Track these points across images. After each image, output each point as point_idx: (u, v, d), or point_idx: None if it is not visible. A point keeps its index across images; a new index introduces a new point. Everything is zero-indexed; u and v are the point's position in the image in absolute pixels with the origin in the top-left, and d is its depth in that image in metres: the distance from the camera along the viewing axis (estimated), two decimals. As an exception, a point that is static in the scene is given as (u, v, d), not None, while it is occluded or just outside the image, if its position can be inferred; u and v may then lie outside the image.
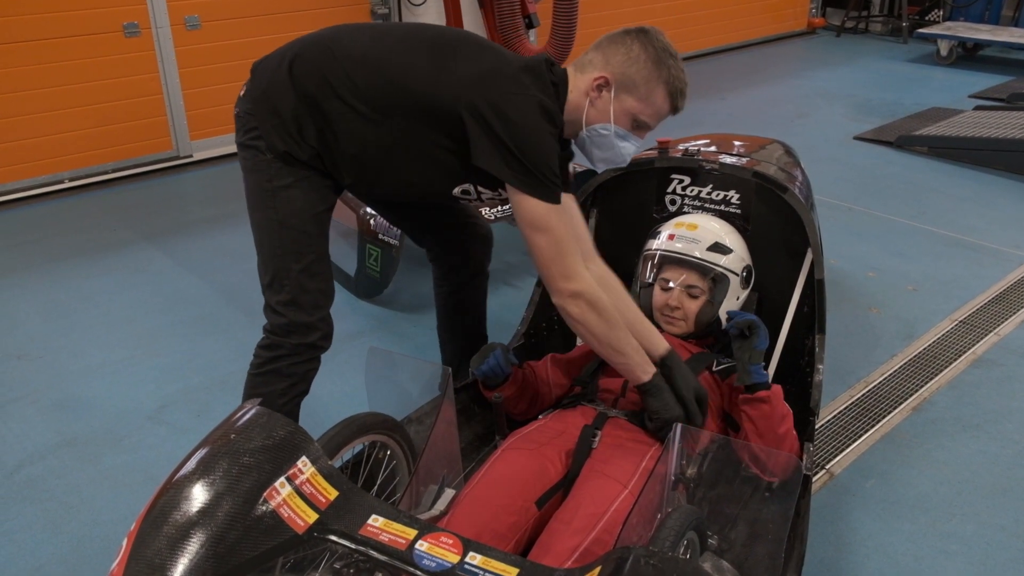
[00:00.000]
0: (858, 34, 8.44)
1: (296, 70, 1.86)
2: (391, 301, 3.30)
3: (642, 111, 1.87)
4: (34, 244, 3.84)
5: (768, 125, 5.36)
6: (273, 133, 1.87)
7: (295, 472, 1.36)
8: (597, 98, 1.85)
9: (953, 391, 2.72)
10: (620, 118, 1.87)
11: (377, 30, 1.95)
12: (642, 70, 1.83)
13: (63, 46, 4.25)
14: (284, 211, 1.89)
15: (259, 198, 1.92)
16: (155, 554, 1.22)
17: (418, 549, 1.29)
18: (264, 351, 1.98)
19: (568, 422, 1.93)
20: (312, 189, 1.92)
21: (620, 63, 1.83)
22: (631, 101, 1.85)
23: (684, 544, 1.40)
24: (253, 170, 1.91)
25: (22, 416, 2.63)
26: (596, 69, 1.85)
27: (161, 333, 3.10)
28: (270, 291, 1.95)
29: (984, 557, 2.06)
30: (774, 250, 2.40)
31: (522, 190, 1.74)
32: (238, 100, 1.95)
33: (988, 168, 4.67)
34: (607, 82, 1.84)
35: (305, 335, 1.95)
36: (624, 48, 1.83)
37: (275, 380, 1.96)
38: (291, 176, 1.89)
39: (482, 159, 1.75)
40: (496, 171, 1.75)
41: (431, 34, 1.90)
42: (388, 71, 1.82)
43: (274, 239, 1.91)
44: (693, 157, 2.49)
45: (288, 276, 1.91)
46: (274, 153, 1.87)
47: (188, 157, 4.84)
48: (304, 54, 1.88)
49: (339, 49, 1.85)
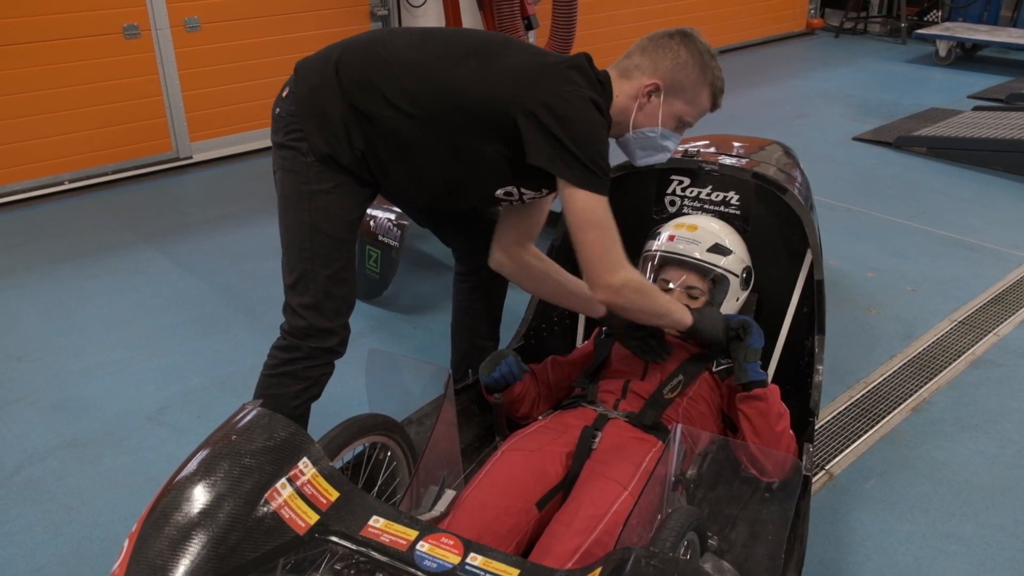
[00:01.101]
0: (857, 35, 8.44)
1: (344, 74, 1.85)
2: (390, 302, 3.31)
3: (688, 112, 1.92)
4: (34, 245, 3.84)
5: (767, 126, 5.36)
6: (317, 135, 1.86)
7: (296, 473, 1.36)
8: (647, 103, 1.88)
9: (952, 391, 2.73)
10: (667, 121, 1.91)
11: (422, 36, 1.94)
12: (690, 75, 1.87)
13: (63, 48, 4.25)
14: (319, 215, 1.89)
15: (294, 199, 1.91)
16: (156, 555, 1.22)
17: (419, 550, 1.30)
18: (280, 352, 1.97)
19: (568, 423, 1.94)
20: (349, 195, 1.92)
21: (669, 68, 1.86)
22: (679, 104, 1.90)
23: (684, 545, 1.40)
24: (291, 170, 1.91)
25: (22, 417, 2.63)
26: (645, 75, 1.87)
27: (161, 334, 3.10)
28: (293, 292, 1.94)
29: (984, 557, 2.07)
30: (774, 251, 2.40)
31: (576, 184, 1.74)
32: (278, 100, 1.95)
33: (987, 168, 4.68)
34: (658, 88, 1.87)
35: (324, 340, 1.94)
36: (672, 53, 1.87)
37: (290, 382, 1.96)
38: (330, 181, 1.89)
39: (537, 157, 1.75)
40: (552, 167, 1.75)
41: (474, 39, 1.92)
42: (439, 77, 1.82)
43: (304, 242, 1.91)
44: (693, 158, 2.50)
45: (315, 280, 1.91)
46: (316, 156, 1.87)
47: (188, 158, 4.84)
48: (352, 58, 1.87)
49: (388, 54, 1.85)
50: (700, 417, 2.02)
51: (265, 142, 4.64)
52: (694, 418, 2.00)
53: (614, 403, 2.01)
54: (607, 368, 2.16)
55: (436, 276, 3.51)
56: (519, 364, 2.04)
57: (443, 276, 3.40)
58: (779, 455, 1.81)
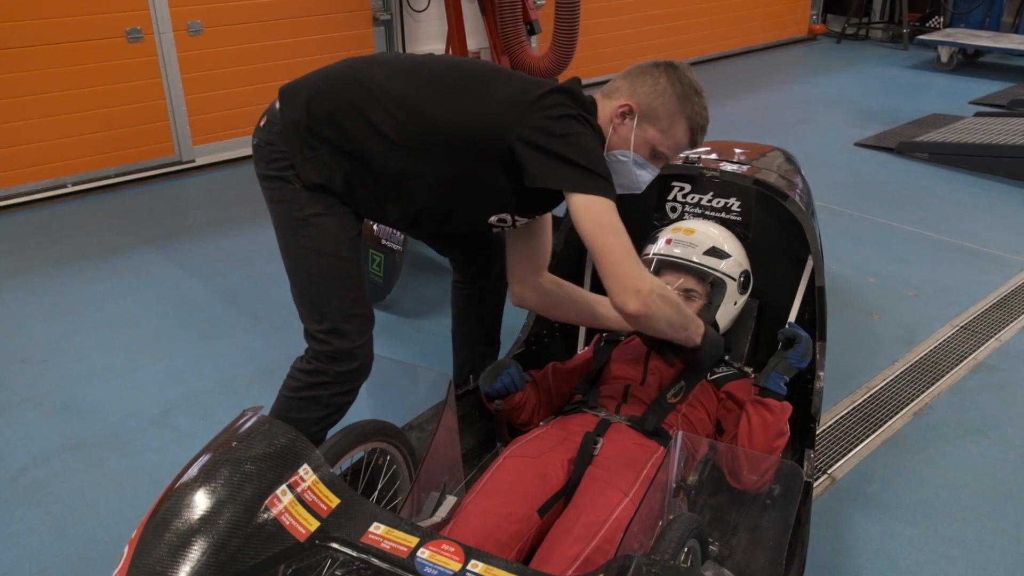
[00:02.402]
0: (859, 40, 8.44)
1: (330, 107, 1.83)
2: (393, 306, 3.31)
3: (662, 142, 1.89)
4: (37, 248, 3.85)
5: (769, 131, 5.36)
6: (307, 166, 1.84)
7: (297, 480, 1.37)
8: (620, 125, 1.87)
9: (954, 396, 2.73)
10: (640, 147, 1.89)
11: (406, 66, 1.92)
12: (667, 103, 1.85)
13: (66, 51, 4.26)
14: (318, 239, 1.87)
15: (290, 228, 1.89)
16: (156, 561, 1.22)
17: (420, 557, 1.30)
18: (305, 375, 1.92)
19: (569, 429, 1.94)
20: (344, 214, 1.90)
21: (646, 94, 1.85)
22: (652, 132, 1.87)
23: (686, 552, 1.40)
24: (281, 200, 1.88)
25: (26, 420, 2.64)
26: (622, 96, 1.87)
27: (164, 337, 3.11)
28: (310, 320, 1.91)
29: (986, 561, 2.07)
30: (775, 257, 2.40)
31: (583, 191, 1.72)
32: (257, 130, 1.91)
33: (988, 174, 4.68)
34: (631, 110, 1.86)
35: (350, 361, 1.90)
36: (652, 80, 1.86)
37: (313, 408, 1.91)
38: (322, 204, 1.86)
39: (539, 179, 1.75)
40: (555, 183, 1.74)
41: (461, 70, 1.90)
42: (430, 110, 1.81)
43: (311, 268, 1.88)
44: (694, 164, 2.50)
45: (328, 305, 1.88)
46: (304, 184, 1.85)
47: (191, 162, 4.85)
48: (336, 91, 1.85)
49: (374, 85, 1.83)
50: (700, 423, 2.02)
51: (268, 146, 4.67)
52: (694, 424, 2.01)
53: (615, 408, 2.01)
54: (607, 374, 2.16)
55: (439, 280, 3.51)
56: (521, 374, 2.04)
57: (445, 280, 3.38)
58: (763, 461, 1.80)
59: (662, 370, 2.09)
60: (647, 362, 2.11)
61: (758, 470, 1.81)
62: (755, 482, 1.82)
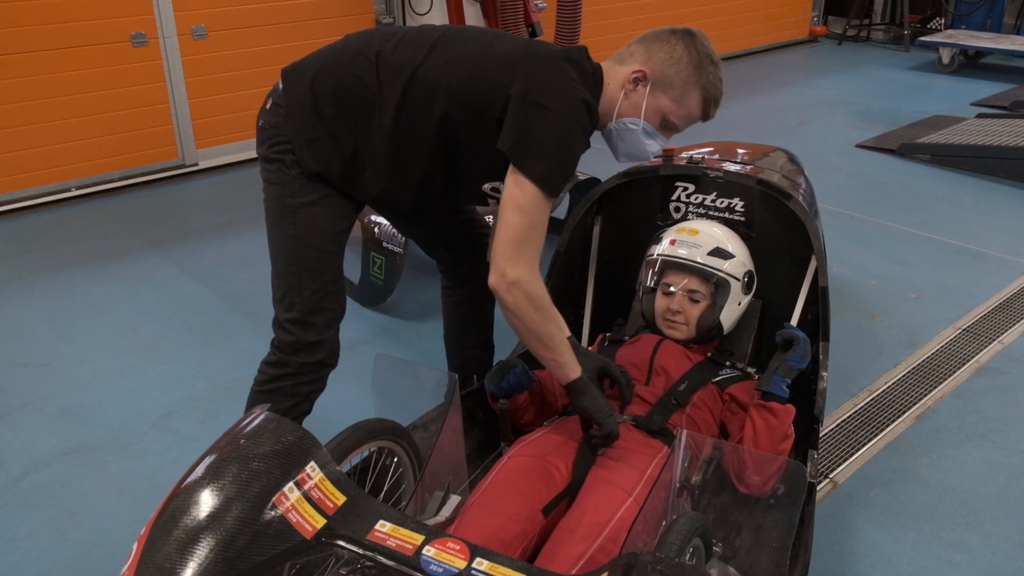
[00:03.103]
0: (860, 42, 8.46)
1: (334, 83, 1.83)
2: (395, 309, 3.31)
3: (673, 112, 1.87)
4: (40, 252, 3.86)
5: (770, 133, 5.37)
6: (306, 150, 1.85)
7: (303, 477, 1.37)
8: (632, 91, 1.85)
9: (957, 400, 2.72)
10: (651, 115, 1.86)
11: (406, 36, 1.90)
12: (681, 72, 1.83)
13: (71, 56, 4.28)
14: (304, 228, 1.88)
15: (280, 213, 1.91)
16: (165, 558, 1.23)
17: (425, 555, 1.30)
18: (270, 368, 1.97)
19: (573, 429, 1.94)
20: (335, 207, 1.91)
21: (661, 60, 1.83)
22: (665, 100, 1.85)
23: (690, 551, 1.40)
24: (276, 183, 1.90)
25: (27, 423, 2.64)
26: (636, 62, 1.85)
27: (166, 340, 3.11)
28: (280, 306, 1.94)
29: (989, 567, 2.06)
30: (778, 257, 2.41)
31: (527, 175, 1.70)
32: (262, 112, 1.93)
33: (990, 176, 4.68)
34: (644, 77, 1.83)
35: (312, 354, 1.94)
36: (668, 47, 1.83)
37: (279, 399, 1.95)
38: (315, 193, 1.88)
39: (504, 141, 1.72)
40: (510, 152, 1.71)
41: (464, 34, 1.90)
42: (434, 76, 1.79)
43: (290, 256, 1.90)
44: (697, 165, 2.50)
45: (301, 295, 1.90)
46: (302, 169, 1.86)
47: (194, 165, 4.86)
48: (339, 66, 1.85)
49: (378, 58, 1.83)
50: (705, 424, 2.02)
51: (270, 149, 4.68)
52: (699, 425, 2.00)
53: (620, 408, 2.01)
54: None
55: (440, 282, 3.51)
56: (528, 373, 2.04)
57: (447, 283, 3.41)
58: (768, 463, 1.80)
59: (667, 370, 2.09)
60: (652, 362, 2.11)
61: (764, 472, 1.80)
62: (760, 484, 1.82)
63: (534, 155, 1.70)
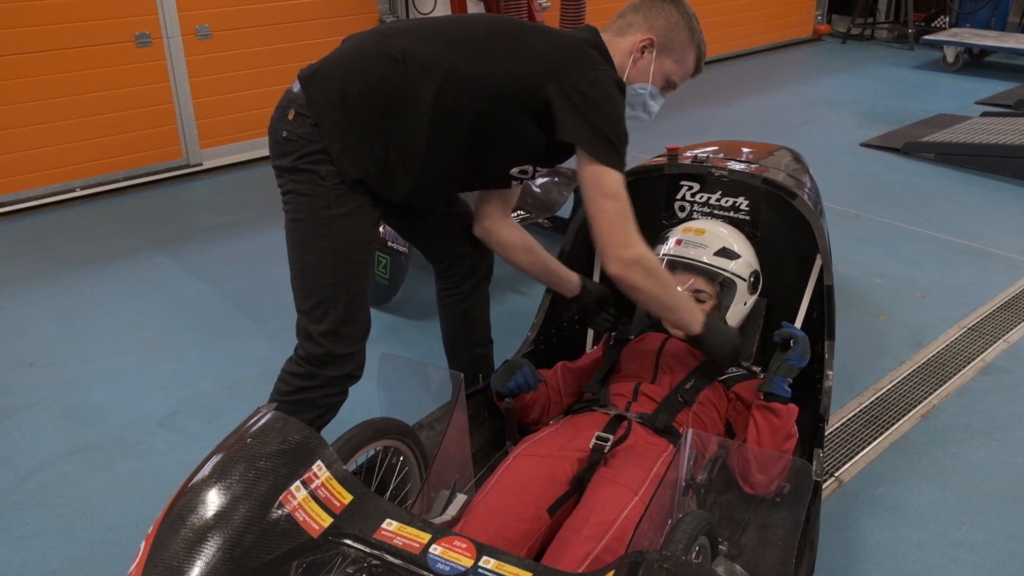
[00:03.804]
0: (864, 41, 8.44)
1: (361, 86, 1.84)
2: (400, 308, 3.31)
3: (676, 72, 2.01)
4: (45, 252, 3.87)
5: (774, 132, 5.36)
6: (345, 158, 1.84)
7: (310, 476, 1.37)
8: (639, 59, 1.97)
9: (962, 398, 2.72)
10: (656, 78, 2.00)
11: (425, 30, 1.93)
12: (680, 35, 1.98)
13: (75, 56, 4.29)
14: (339, 240, 1.88)
15: (312, 224, 1.88)
16: (172, 557, 1.23)
17: (432, 553, 1.30)
18: (295, 379, 1.94)
19: (579, 428, 1.94)
20: (366, 217, 1.92)
21: (663, 27, 1.96)
22: (669, 63, 1.99)
23: (696, 549, 1.40)
24: (308, 194, 1.87)
25: (33, 423, 2.65)
26: (640, 31, 1.96)
27: (171, 340, 3.12)
28: (310, 318, 1.91)
29: (994, 565, 2.06)
30: (783, 256, 2.40)
31: (602, 161, 1.82)
32: (283, 123, 1.88)
33: (995, 174, 4.67)
34: (652, 43, 1.96)
35: (342, 366, 1.92)
36: (664, 13, 1.96)
37: (304, 410, 1.92)
38: (350, 203, 1.88)
39: (569, 134, 1.83)
40: (582, 143, 1.83)
41: (484, 24, 1.97)
42: (465, 68, 1.85)
43: (325, 267, 1.88)
44: (702, 164, 2.50)
45: (335, 306, 1.89)
46: (343, 179, 1.85)
47: (198, 165, 4.87)
48: (366, 69, 1.85)
49: (404, 55, 1.84)
50: (711, 423, 2.02)
51: (274, 149, 4.68)
52: (705, 423, 2.01)
53: (625, 406, 2.01)
54: (617, 372, 2.16)
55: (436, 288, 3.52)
56: (534, 374, 2.04)
57: (452, 282, 3.41)
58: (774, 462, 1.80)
59: (673, 369, 2.09)
60: (658, 361, 2.11)
61: (769, 471, 1.81)
62: (766, 484, 1.82)
63: (602, 143, 1.82)
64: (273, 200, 2.28)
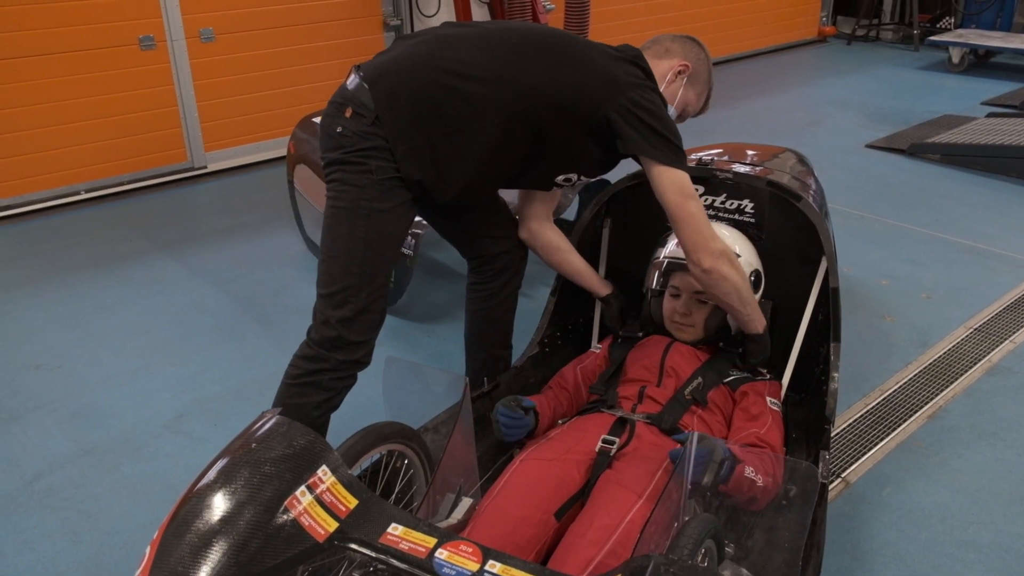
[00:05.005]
0: (869, 42, 8.43)
1: (423, 97, 1.90)
2: (405, 311, 3.32)
3: (692, 104, 2.20)
4: (50, 255, 3.88)
5: (780, 133, 5.36)
6: (408, 161, 1.92)
7: (315, 481, 1.37)
8: (672, 82, 2.14)
9: (969, 399, 2.71)
10: (679, 104, 2.17)
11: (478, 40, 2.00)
12: (705, 71, 2.19)
13: (79, 59, 4.30)
14: (374, 233, 1.93)
15: (351, 213, 1.93)
16: (178, 562, 1.23)
17: (438, 557, 1.30)
18: (305, 362, 1.98)
19: (586, 430, 1.93)
20: (404, 216, 1.99)
21: (695, 59, 2.16)
22: (691, 93, 2.18)
23: (703, 552, 1.40)
24: (353, 184, 1.92)
25: (40, 426, 2.66)
26: (678, 57, 2.15)
27: (177, 342, 3.12)
28: (329, 303, 1.95)
29: (1002, 566, 2.05)
30: (788, 259, 2.40)
31: (672, 166, 1.96)
32: (338, 119, 1.94)
33: (1001, 175, 4.66)
34: (686, 70, 2.14)
35: (352, 352, 1.97)
36: (696, 49, 2.18)
37: (313, 392, 1.97)
38: (392, 200, 1.94)
39: (634, 147, 1.97)
40: (648, 154, 1.96)
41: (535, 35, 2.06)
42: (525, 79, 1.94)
43: (354, 257, 1.93)
44: (707, 166, 2.50)
45: (356, 296, 1.94)
46: (402, 177, 1.93)
47: (203, 168, 4.87)
48: (427, 81, 1.92)
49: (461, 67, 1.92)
50: (716, 425, 2.02)
51: (279, 151, 4.69)
52: (710, 426, 2.00)
53: (631, 408, 2.01)
54: (623, 375, 2.16)
55: (450, 284, 3.52)
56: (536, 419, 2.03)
57: (457, 284, 3.42)
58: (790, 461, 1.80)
59: (678, 372, 2.08)
60: (663, 363, 2.11)
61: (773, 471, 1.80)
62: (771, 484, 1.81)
63: (671, 149, 1.96)
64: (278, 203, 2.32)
